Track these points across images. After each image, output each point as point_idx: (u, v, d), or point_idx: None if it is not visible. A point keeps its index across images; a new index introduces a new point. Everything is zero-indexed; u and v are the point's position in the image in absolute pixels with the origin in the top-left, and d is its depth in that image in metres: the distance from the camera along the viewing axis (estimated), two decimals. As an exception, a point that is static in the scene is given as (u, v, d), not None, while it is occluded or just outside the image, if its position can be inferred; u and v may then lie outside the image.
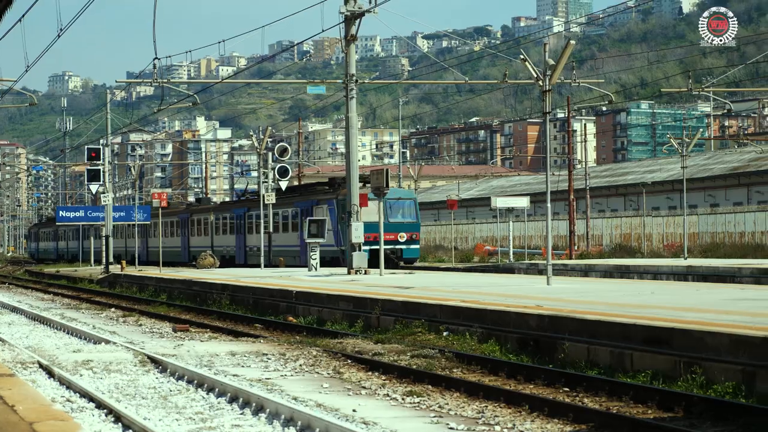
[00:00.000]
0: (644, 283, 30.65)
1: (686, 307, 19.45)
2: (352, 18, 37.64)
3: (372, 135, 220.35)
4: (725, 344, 14.59)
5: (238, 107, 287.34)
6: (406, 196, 52.12)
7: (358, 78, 39.90)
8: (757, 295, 23.10)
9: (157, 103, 48.68)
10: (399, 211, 50.52)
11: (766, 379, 13.51)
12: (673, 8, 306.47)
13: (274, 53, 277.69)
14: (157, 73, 41.53)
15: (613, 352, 16.28)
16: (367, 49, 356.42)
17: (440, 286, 29.12)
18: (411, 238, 50.22)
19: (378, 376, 16.97)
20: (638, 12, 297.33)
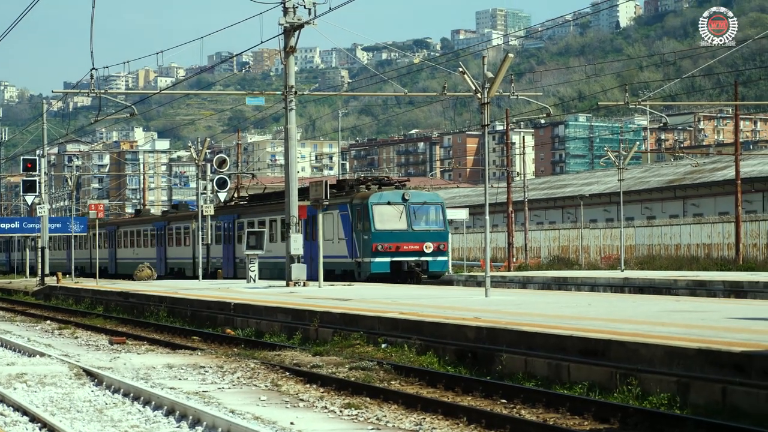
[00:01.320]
0: (581, 295, 30.91)
1: (622, 319, 19.59)
2: (292, 30, 37.60)
3: (311, 146, 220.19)
4: (660, 356, 14.72)
5: (177, 118, 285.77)
6: (431, 200, 45.12)
7: (298, 89, 39.86)
8: (691, 306, 23.33)
9: (94, 114, 48.16)
10: (424, 217, 43.97)
11: (700, 390, 13.64)
12: (610, 22, 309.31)
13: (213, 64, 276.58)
14: (94, 84, 41.21)
15: (550, 363, 16.36)
16: (306, 60, 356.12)
17: (379, 298, 29.11)
18: (438, 248, 43.51)
19: (316, 388, 16.92)
20: (576, 26, 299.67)
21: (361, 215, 42.65)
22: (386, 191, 43.62)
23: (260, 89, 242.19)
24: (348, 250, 43.59)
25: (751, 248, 57.40)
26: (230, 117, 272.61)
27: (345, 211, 44.00)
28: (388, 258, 41.95)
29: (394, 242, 41.89)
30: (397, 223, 42.57)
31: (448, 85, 43.90)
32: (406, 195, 43.13)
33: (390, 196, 43.06)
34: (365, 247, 42.33)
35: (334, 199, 43.87)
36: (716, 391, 13.40)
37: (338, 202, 44.29)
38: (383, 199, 42.92)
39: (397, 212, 42.79)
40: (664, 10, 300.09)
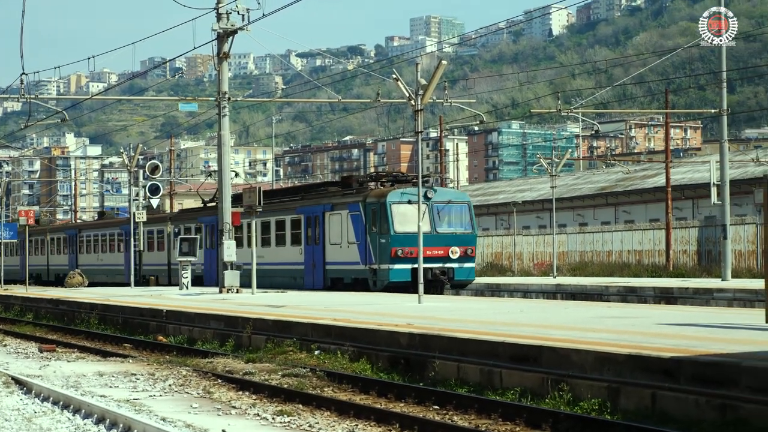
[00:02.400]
0: (514, 302, 31.06)
1: (554, 325, 19.72)
2: (225, 35, 37.46)
3: (245, 153, 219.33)
4: (591, 361, 14.84)
5: (109, 124, 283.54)
6: (457, 198, 39.98)
7: (231, 96, 39.70)
8: (622, 313, 23.54)
9: (24, 119, 47.64)
10: (449, 218, 38.74)
11: (630, 395, 13.77)
12: (543, 30, 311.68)
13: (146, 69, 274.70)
14: (24, 89, 40.79)
15: (482, 369, 16.42)
16: (240, 66, 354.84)
17: (312, 304, 29.06)
18: (465, 253, 38.46)
19: (249, 395, 16.85)
20: (509, 33, 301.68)
21: (377, 216, 37.82)
22: (407, 188, 38.51)
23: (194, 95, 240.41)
24: (360, 255, 38.52)
25: (681, 254, 58.07)
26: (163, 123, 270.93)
27: (356, 211, 38.89)
28: (409, 265, 36.57)
29: (416, 246, 35.04)
30: (420, 224, 38.10)
31: (382, 92, 44.02)
32: (429, 193, 38.01)
33: (411, 193, 37.25)
34: (382, 253, 37.47)
35: (342, 198, 40.57)
36: (646, 396, 13.53)
37: (348, 201, 39.74)
38: (403, 198, 37.72)
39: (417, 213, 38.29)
40: (596, 18, 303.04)
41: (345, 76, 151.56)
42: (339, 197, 40.86)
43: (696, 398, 12.88)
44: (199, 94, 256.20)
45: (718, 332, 17.58)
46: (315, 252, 40.61)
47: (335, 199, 40.99)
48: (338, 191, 42.05)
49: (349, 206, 39.27)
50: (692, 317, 21.36)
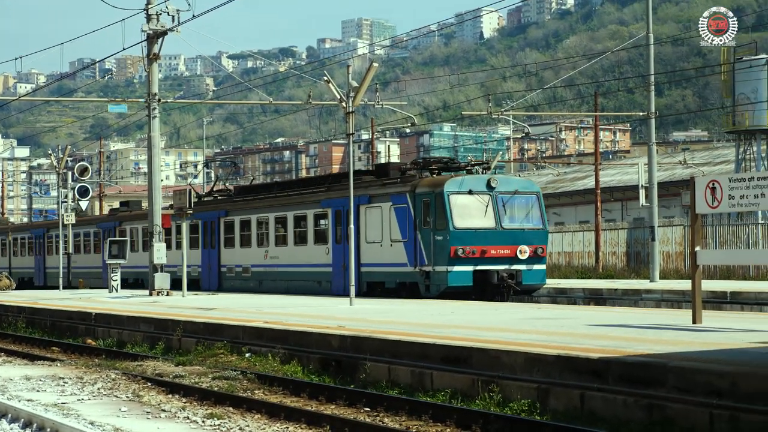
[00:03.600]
0: (445, 304, 30.95)
1: (485, 327, 19.82)
2: (155, 36, 37.22)
3: (176, 155, 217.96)
4: (521, 363, 14.93)
5: (37, 125, 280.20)
6: (525, 188, 33.87)
7: (162, 97, 39.45)
8: (552, 314, 23.72)
9: (-50, 120, 46.94)
10: (516, 211, 33.21)
11: (559, 396, 13.88)
12: (474, 33, 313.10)
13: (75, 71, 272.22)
14: (-50, 89, 40.17)
15: (413, 371, 16.47)
16: (171, 68, 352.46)
17: (244, 307, 28.94)
18: (536, 253, 32.78)
19: (178, 398, 16.73)
20: (441, 36, 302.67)
21: (431, 209, 32.32)
22: (466, 176, 33.27)
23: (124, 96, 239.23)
24: (408, 255, 33.05)
25: (611, 256, 58.57)
26: (93, 124, 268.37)
27: (402, 203, 33.47)
28: (470, 266, 31.68)
29: (479, 245, 31.77)
30: (481, 219, 32.38)
31: (313, 94, 43.94)
32: (493, 181, 32.75)
33: (472, 182, 32.58)
34: (439, 252, 31.90)
35: (381, 189, 34.91)
36: (575, 396, 13.65)
37: (391, 192, 34.24)
38: (464, 187, 32.35)
39: (481, 204, 32.42)
40: (526, 21, 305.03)
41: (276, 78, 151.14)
42: (377, 187, 35.17)
43: (624, 398, 13.01)
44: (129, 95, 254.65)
45: (646, 333, 17.76)
46: (347, 252, 34.39)
47: (373, 190, 35.24)
48: (375, 181, 36.28)
49: (393, 198, 33.93)
50: (621, 318, 21.57)
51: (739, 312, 30.99)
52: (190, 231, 44.15)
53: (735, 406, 11.89)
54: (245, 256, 41.68)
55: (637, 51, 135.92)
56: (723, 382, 12.27)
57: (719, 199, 18.76)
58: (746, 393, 11.95)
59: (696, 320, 19.10)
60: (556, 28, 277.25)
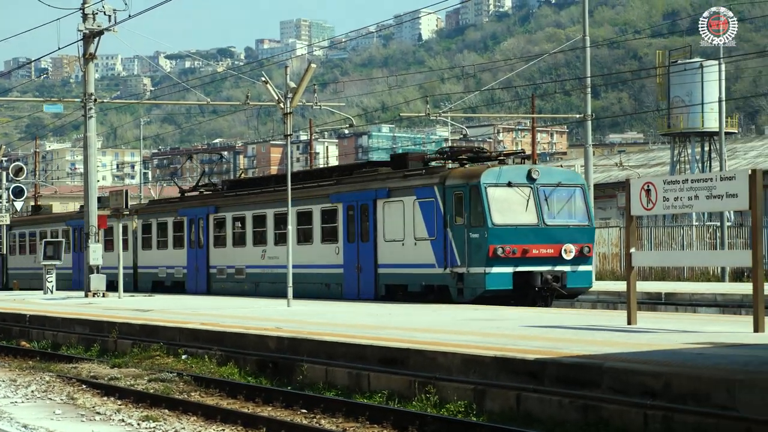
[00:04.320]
0: (383, 305, 30.95)
1: (423, 328, 19.85)
2: (91, 36, 36.91)
3: (113, 155, 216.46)
4: (458, 364, 14.98)
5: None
6: (569, 180, 30.57)
7: (98, 97, 39.18)
8: (489, 315, 23.81)
9: None
10: (560, 205, 29.90)
11: (495, 397, 13.93)
12: (413, 34, 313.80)
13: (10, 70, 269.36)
14: None
15: (350, 373, 16.46)
16: (108, 67, 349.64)
17: (181, 308, 28.78)
18: (582, 253, 29.54)
19: (114, 401, 16.59)
20: (380, 37, 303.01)
21: (464, 203, 29.11)
22: (504, 167, 29.91)
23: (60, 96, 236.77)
24: (437, 255, 29.88)
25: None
26: (28, 124, 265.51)
27: (429, 197, 30.21)
28: (510, 267, 28.50)
29: (520, 244, 28.60)
30: (522, 214, 29.11)
31: (251, 95, 43.78)
32: (534, 172, 29.49)
33: (511, 173, 29.27)
34: (475, 252, 28.61)
35: (402, 181, 31.52)
36: (511, 397, 13.71)
37: (415, 185, 30.92)
38: (502, 179, 29.01)
39: (521, 198, 29.19)
40: (464, 23, 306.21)
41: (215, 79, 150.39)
42: (398, 180, 31.87)
43: (559, 399, 13.09)
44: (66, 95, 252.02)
45: (581, 334, 17.89)
46: (362, 251, 32.36)
47: (392, 183, 31.99)
48: (393, 173, 32.84)
49: (418, 191, 30.62)
50: (557, 319, 21.70)
51: (673, 313, 31.04)
52: (174, 229, 42.29)
53: (668, 406, 12.01)
54: (239, 256, 38.52)
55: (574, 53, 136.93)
56: (657, 382, 12.38)
57: (654, 201, 18.94)
58: (679, 393, 12.07)
59: (631, 321, 19.27)
60: (494, 31, 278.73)
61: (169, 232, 42.73)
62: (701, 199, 18.16)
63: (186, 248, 41.48)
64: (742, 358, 13.45)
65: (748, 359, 13.25)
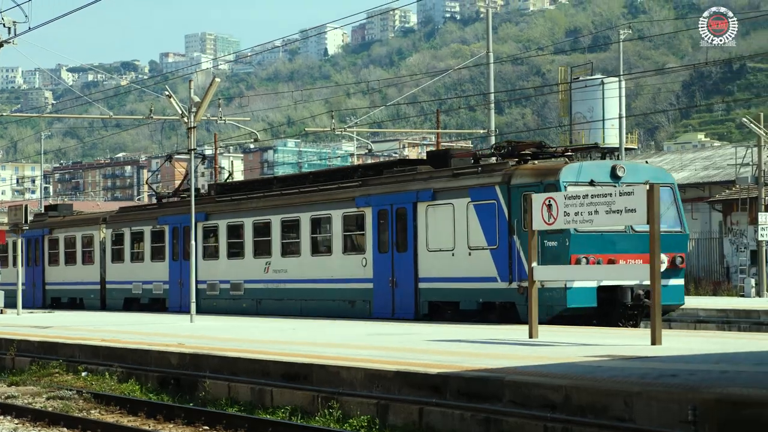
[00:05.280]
0: (288, 320, 30.82)
1: (327, 343, 19.83)
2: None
3: (13, 169, 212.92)
4: (361, 378, 14.97)
5: None
6: (659, 179, 25.21)
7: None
8: (393, 329, 23.85)
9: None
10: None
11: (398, 411, 13.95)
12: (319, 49, 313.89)
13: None
14: None
15: (253, 388, 16.37)
16: (8, 80, 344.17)
17: (82, 325, 28.40)
18: (674, 264, 25.28)
19: (10, 419, 16.30)
20: (285, 52, 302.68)
21: None
22: (584, 163, 25.84)
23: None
24: (499, 267, 25.62)
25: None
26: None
27: (488, 198, 26.03)
28: (594, 281, 24.19)
29: (605, 253, 24.31)
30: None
31: (155, 109, 43.44)
32: (619, 169, 25.10)
33: (592, 170, 25.11)
34: (552, 262, 23.83)
35: (451, 181, 27.33)
36: (414, 411, 13.74)
37: (468, 185, 26.70)
38: (583, 176, 24.83)
39: None
40: (370, 39, 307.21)
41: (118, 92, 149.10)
42: (445, 179, 27.62)
43: (461, 413, 13.15)
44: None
45: (484, 348, 18.01)
46: (398, 263, 28.14)
47: (437, 183, 27.79)
48: (436, 172, 28.43)
49: (473, 192, 26.45)
50: (460, 333, 21.81)
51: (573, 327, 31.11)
52: (153, 239, 38.01)
53: (568, 418, 12.13)
54: (235, 270, 34.37)
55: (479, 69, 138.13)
56: (557, 395, 12.50)
57: (555, 215, 19.16)
58: (578, 405, 12.20)
59: (532, 335, 19.45)
60: (399, 46, 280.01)
61: (146, 242, 38.43)
62: (601, 214, 18.41)
63: (167, 260, 37.21)
64: (639, 370, 13.65)
65: (645, 372, 13.45)
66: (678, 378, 12.67)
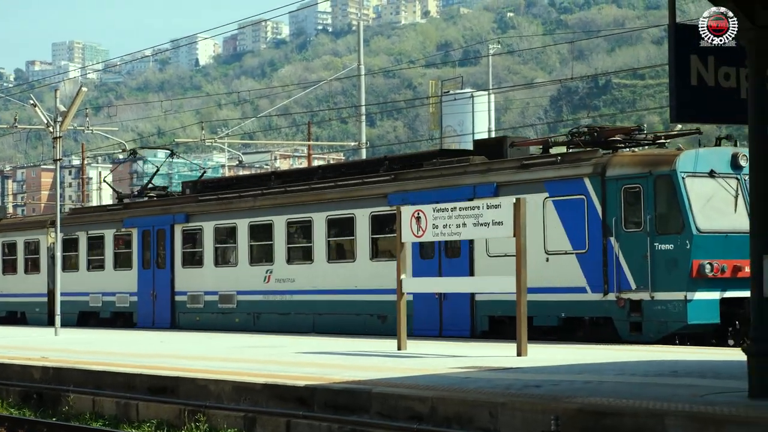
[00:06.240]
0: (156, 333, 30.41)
1: (195, 356, 19.67)
2: None
3: None
4: (229, 391, 14.90)
5: None
6: None
7: None
8: (262, 342, 23.80)
9: None
10: None
11: (266, 424, 13.90)
12: (190, 59, 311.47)
13: None
14: None
15: (119, 402, 16.14)
16: None
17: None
18: None
19: None
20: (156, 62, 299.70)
21: (645, 200, 21.10)
22: (700, 150, 21.73)
23: None
24: (589, 276, 21.80)
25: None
26: None
27: (575, 193, 22.21)
28: (716, 292, 20.57)
29: (730, 258, 20.59)
30: (731, 216, 21.08)
31: (21, 118, 42.70)
32: (741, 158, 21.03)
33: (711, 159, 21.32)
34: (668, 270, 20.66)
35: (517, 173, 23.42)
36: (281, 424, 13.71)
37: (546, 178, 22.80)
38: (701, 166, 21.15)
39: (728, 194, 21.29)
40: (242, 49, 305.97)
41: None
42: (510, 171, 23.69)
43: (329, 425, 13.16)
44: None
45: (354, 359, 18.05)
46: (447, 271, 24.32)
47: (499, 175, 23.81)
48: (494, 163, 24.35)
49: (552, 185, 22.59)
50: (328, 346, 21.82)
51: (442, 339, 30.86)
52: (117, 244, 33.68)
53: (434, 430, 12.23)
54: (225, 279, 30.04)
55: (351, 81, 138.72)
56: (423, 406, 12.60)
57: (424, 228, 19.32)
58: (445, 416, 12.32)
59: (401, 347, 19.57)
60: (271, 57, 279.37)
61: (108, 248, 33.94)
62: (469, 227, 18.63)
63: (136, 269, 32.75)
64: (504, 381, 13.83)
65: (511, 382, 13.63)
66: (542, 388, 12.88)
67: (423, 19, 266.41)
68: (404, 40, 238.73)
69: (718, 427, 10.29)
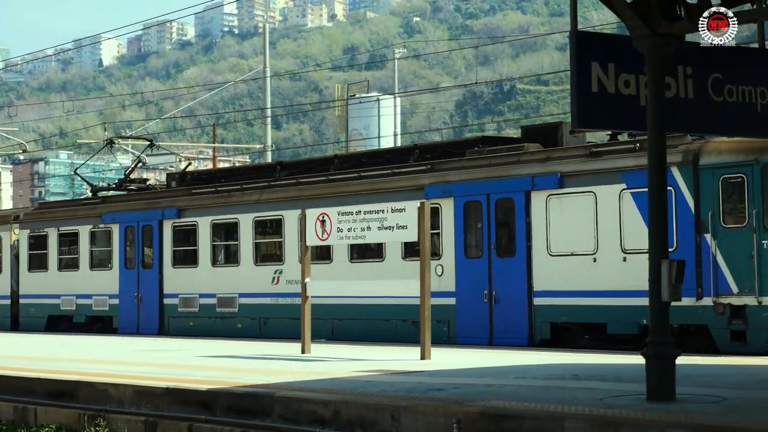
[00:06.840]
0: (57, 336, 29.92)
1: (96, 360, 19.47)
2: None
3: None
4: (129, 395, 14.76)
5: None
6: None
7: None
8: (164, 346, 23.61)
9: None
10: None
11: (167, 428, 13.78)
12: (93, 60, 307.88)
13: None
14: None
15: (16, 407, 15.89)
16: None
17: None
18: None
19: None
20: (58, 61, 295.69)
21: (749, 192, 18.75)
22: None
23: None
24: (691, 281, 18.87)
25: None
26: None
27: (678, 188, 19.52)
28: None
29: None
30: None
31: None
32: None
33: None
34: None
35: (587, 161, 21.12)
36: (183, 428, 13.60)
37: (623, 167, 20.27)
38: None
39: None
40: (147, 50, 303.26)
41: None
42: (578, 160, 21.32)
43: (231, 429, 13.08)
44: None
45: (257, 363, 18.00)
46: (498, 272, 21.95)
47: (565, 165, 21.44)
48: (554, 151, 22.02)
49: (630, 176, 19.98)
50: (232, 349, 21.73)
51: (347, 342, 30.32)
52: (94, 242, 31.04)
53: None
54: (225, 280, 27.49)
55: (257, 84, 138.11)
56: (326, 410, 12.60)
57: (329, 231, 19.33)
58: (348, 420, 12.32)
59: (305, 350, 19.55)
60: (176, 59, 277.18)
61: (83, 246, 31.18)
62: (373, 230, 18.68)
63: (118, 269, 30.02)
64: (407, 384, 13.88)
65: (414, 386, 13.69)
66: (444, 392, 12.95)
67: (329, 23, 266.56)
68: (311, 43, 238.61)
69: (615, 429, 10.44)
